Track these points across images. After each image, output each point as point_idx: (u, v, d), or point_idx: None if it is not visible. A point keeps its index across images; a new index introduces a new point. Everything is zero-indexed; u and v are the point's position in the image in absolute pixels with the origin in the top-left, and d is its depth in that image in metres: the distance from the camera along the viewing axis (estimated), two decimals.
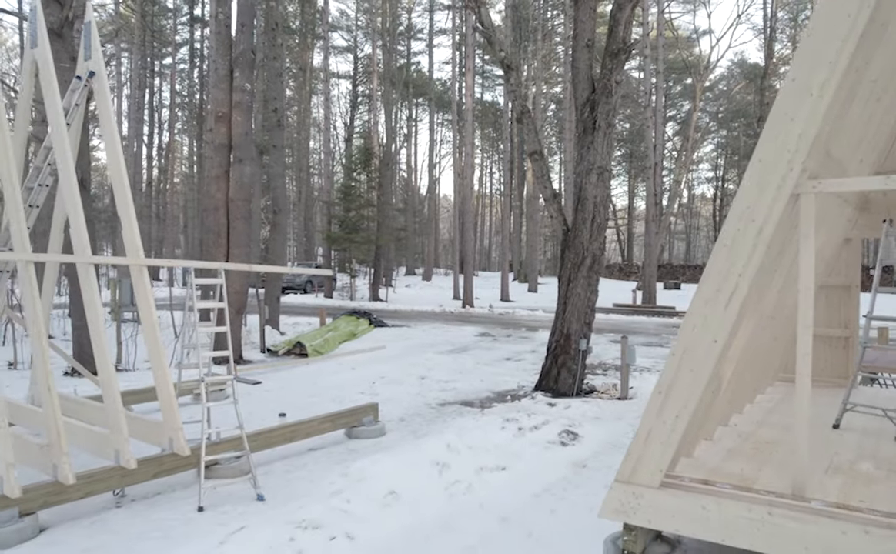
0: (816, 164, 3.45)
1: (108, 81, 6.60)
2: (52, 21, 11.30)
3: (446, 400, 9.57)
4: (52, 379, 5.23)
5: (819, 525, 3.22)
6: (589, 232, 9.67)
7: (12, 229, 5.42)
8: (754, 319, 3.94)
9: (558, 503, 5.27)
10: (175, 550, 4.54)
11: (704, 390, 3.52)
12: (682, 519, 3.57)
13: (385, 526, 4.95)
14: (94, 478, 5.21)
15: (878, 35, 3.49)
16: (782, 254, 4.44)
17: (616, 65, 9.43)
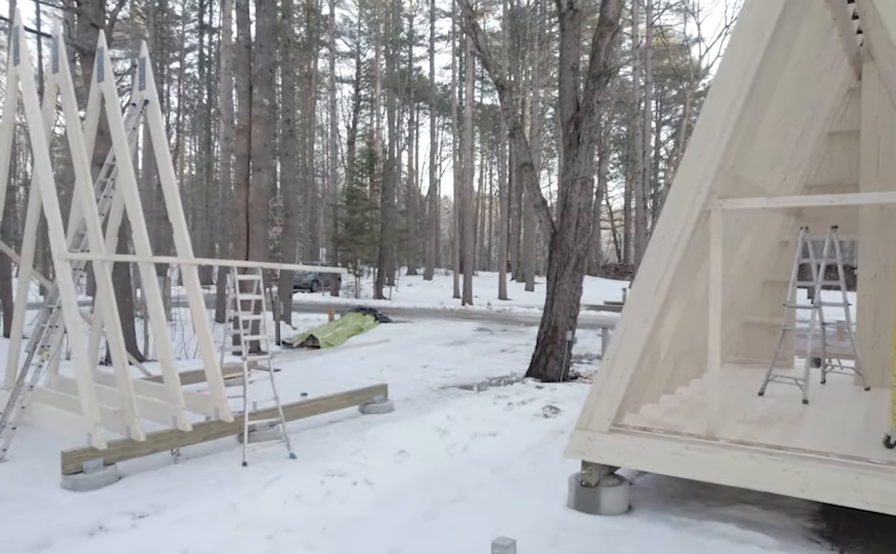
0: (724, 187, 4.56)
1: (159, 107, 7.72)
2: (90, 44, 12.40)
3: (446, 384, 10.69)
4: (126, 360, 6.35)
5: (721, 455, 4.34)
6: (573, 235, 10.79)
7: (90, 235, 6.53)
8: (682, 305, 5.05)
9: (538, 458, 6.39)
10: (230, 492, 5.65)
11: (641, 359, 4.63)
12: (625, 455, 4.69)
13: (396, 476, 6.06)
14: (159, 438, 6.33)
15: (770, 88, 4.61)
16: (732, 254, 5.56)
17: (597, 86, 10.54)
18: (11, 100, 7.02)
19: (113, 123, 7.13)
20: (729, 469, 4.32)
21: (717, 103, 4.23)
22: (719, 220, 4.45)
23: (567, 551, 4.33)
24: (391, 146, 39.56)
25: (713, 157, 4.24)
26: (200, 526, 4.97)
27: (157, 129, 7.55)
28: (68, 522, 5.13)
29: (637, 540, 4.46)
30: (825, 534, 4.58)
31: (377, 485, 5.83)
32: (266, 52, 13.64)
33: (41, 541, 4.82)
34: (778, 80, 4.71)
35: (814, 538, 4.51)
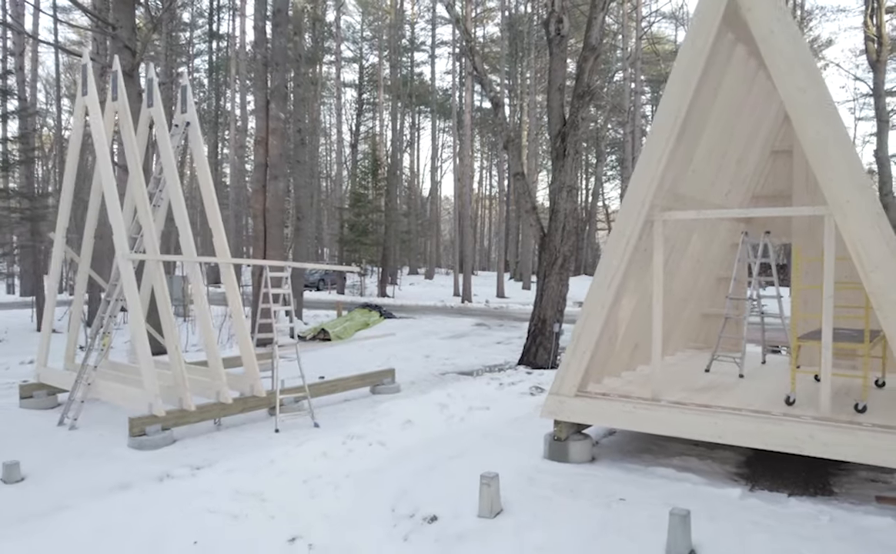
0: (665, 202, 5.72)
1: (199, 127, 8.89)
2: (125, 65, 13.55)
3: (446, 371, 11.86)
4: (179, 344, 7.52)
5: (661, 412, 5.51)
6: (560, 237, 11.95)
7: (146, 240, 7.70)
8: (635, 296, 6.20)
9: (523, 425, 7.55)
10: (268, 451, 6.82)
11: (600, 338, 5.79)
12: (588, 415, 5.86)
13: (404, 439, 7.23)
14: (205, 409, 7.51)
15: (702, 123, 5.78)
16: (681, 254, 6.74)
17: (581, 105, 11.71)
18: (79, 125, 8.20)
19: (161, 143, 8.30)
20: (667, 423, 5.49)
21: (654, 138, 5.40)
22: (660, 228, 5.61)
23: (541, 486, 5.50)
24: (394, 150, 40.72)
25: (653, 180, 5.40)
26: (247, 474, 6.14)
27: (197, 146, 8.73)
28: (140, 471, 6.32)
29: (595, 480, 5.62)
30: (743, 475, 5.75)
31: (389, 445, 7.00)
32: (282, 69, 14.81)
33: (123, 484, 6.01)
34: (709, 116, 5.87)
35: (734, 478, 5.67)
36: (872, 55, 19.25)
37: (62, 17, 34.13)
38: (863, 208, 4.61)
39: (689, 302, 8.03)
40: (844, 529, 4.55)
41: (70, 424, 7.68)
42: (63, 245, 8.54)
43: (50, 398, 8.84)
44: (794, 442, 4.94)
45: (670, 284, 7.04)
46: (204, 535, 4.94)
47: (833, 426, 4.88)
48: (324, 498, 5.65)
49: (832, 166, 4.70)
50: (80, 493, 5.79)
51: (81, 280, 8.93)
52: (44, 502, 5.59)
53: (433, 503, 5.30)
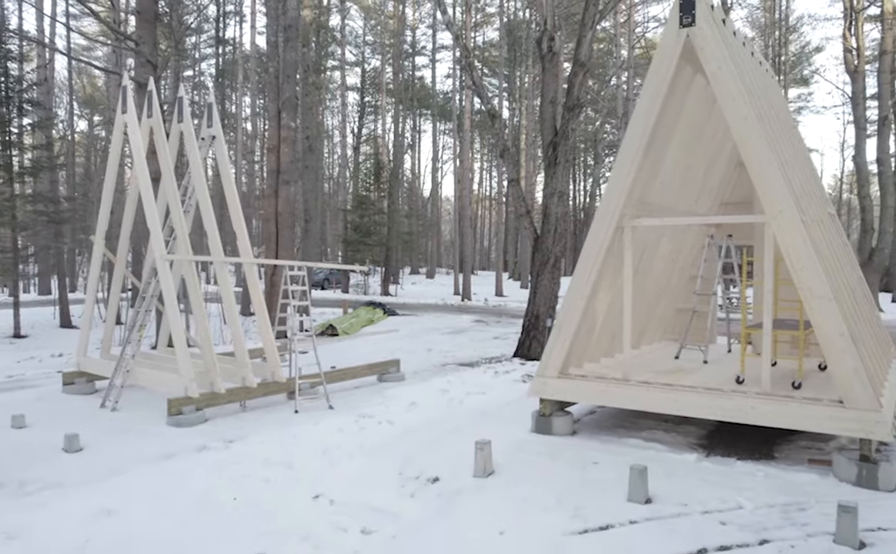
0: (634, 209, 6.60)
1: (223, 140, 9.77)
2: (146, 79, 14.47)
3: (447, 362, 12.76)
4: (210, 334, 8.41)
5: (630, 390, 6.40)
6: (552, 239, 12.84)
7: (179, 242, 8.60)
8: (610, 291, 7.09)
9: (515, 407, 8.44)
10: (290, 428, 7.71)
11: (579, 327, 6.68)
12: (568, 392, 6.75)
13: (410, 418, 8.13)
14: (233, 392, 8.41)
15: (665, 142, 6.66)
16: (653, 255, 7.64)
17: (571, 117, 12.60)
18: (119, 140, 9.10)
19: (191, 155, 9.20)
20: (635, 398, 6.38)
21: (624, 155, 6.28)
22: (629, 234, 6.50)
23: (527, 453, 6.40)
24: (396, 153, 41.62)
25: (622, 191, 6.29)
26: (274, 446, 7.05)
27: (222, 157, 9.63)
28: (180, 444, 7.21)
29: (574, 449, 6.52)
30: (702, 445, 6.64)
31: (396, 423, 7.90)
32: (292, 81, 15.71)
33: (167, 454, 6.90)
34: (673, 135, 6.76)
35: (693, 447, 6.57)
36: (851, 65, 20.12)
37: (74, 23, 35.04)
38: (792, 218, 5.50)
39: (663, 298, 8.93)
40: (776, 483, 5.46)
41: (111, 407, 8.58)
42: (102, 247, 9.43)
43: (89, 385, 9.74)
44: (739, 412, 5.84)
45: (644, 282, 7.94)
46: (241, 493, 5.83)
47: (771, 399, 5.77)
48: (341, 465, 6.55)
49: (769, 182, 5.59)
50: (131, 461, 6.69)
51: (118, 279, 9.83)
52: (102, 468, 6.48)
53: (435, 467, 6.20)
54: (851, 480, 5.31)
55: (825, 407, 5.47)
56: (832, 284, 5.51)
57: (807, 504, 5.01)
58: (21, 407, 8.55)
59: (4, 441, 7.31)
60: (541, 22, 12.91)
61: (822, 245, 5.87)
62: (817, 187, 7.97)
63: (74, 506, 5.59)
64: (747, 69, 6.39)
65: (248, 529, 5.12)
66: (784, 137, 6.76)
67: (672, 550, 4.41)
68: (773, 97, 7.63)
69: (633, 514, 4.98)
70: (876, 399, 5.25)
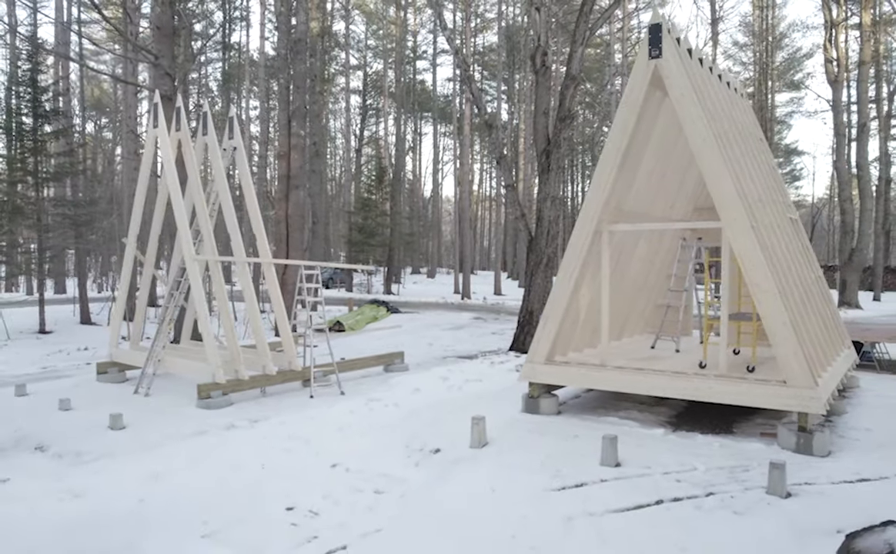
0: (611, 215, 7.47)
1: (244, 151, 10.65)
2: (165, 89, 15.30)
3: (447, 355, 13.64)
4: (234, 326, 9.29)
5: (607, 373, 7.27)
6: (545, 241, 13.72)
7: (205, 244, 9.48)
8: (591, 288, 7.96)
9: (508, 392, 9.31)
10: (307, 411, 8.58)
11: (563, 319, 7.56)
12: (553, 376, 7.63)
13: (414, 402, 9.00)
14: (255, 379, 9.29)
15: (639, 157, 7.54)
16: (631, 256, 8.52)
17: (563, 127, 13.47)
18: (150, 151, 9.99)
19: (215, 164, 10.09)
20: (611, 380, 7.26)
21: (601, 168, 7.16)
22: (606, 237, 7.38)
23: (517, 429, 7.28)
24: (398, 156, 42.50)
25: (599, 200, 7.17)
26: (294, 424, 7.93)
27: (243, 167, 10.51)
28: (211, 423, 8.09)
29: (558, 425, 7.40)
30: (671, 423, 7.52)
31: (401, 406, 8.78)
32: (302, 92, 16.59)
33: (200, 430, 7.78)
34: (645, 150, 7.64)
35: (663, 424, 7.45)
36: (831, 75, 20.98)
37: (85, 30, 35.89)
38: (743, 224, 6.37)
39: (642, 294, 9.80)
40: (728, 451, 6.34)
41: (144, 392, 9.46)
42: (134, 248, 10.31)
43: (120, 374, 10.62)
44: (699, 392, 6.72)
45: (623, 280, 8.82)
46: (268, 462, 6.71)
47: (727, 380, 6.65)
48: (354, 440, 7.43)
49: (723, 194, 6.46)
50: (169, 436, 7.57)
51: (147, 277, 10.71)
52: (145, 442, 7.37)
53: (436, 441, 7.08)
54: (791, 448, 6.18)
55: (771, 386, 6.35)
56: (778, 281, 6.38)
57: (750, 466, 5.88)
58: (63, 393, 9.43)
59: (56, 420, 8.20)
60: (534, 38, 13.78)
61: (774, 247, 6.75)
62: (779, 195, 8.84)
63: (126, 471, 6.48)
64: (710, 93, 7.26)
65: (277, 489, 5.99)
66: (744, 152, 7.64)
67: (633, 502, 5.29)
68: (738, 115, 8.50)
69: (605, 474, 5.86)
70: (813, 379, 6.13)
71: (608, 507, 5.24)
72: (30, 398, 9.49)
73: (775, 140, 43.29)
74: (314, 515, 5.42)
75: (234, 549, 4.86)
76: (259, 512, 5.48)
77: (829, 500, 5.13)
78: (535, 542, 4.76)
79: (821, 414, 6.17)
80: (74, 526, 5.34)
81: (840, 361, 7.84)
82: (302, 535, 5.06)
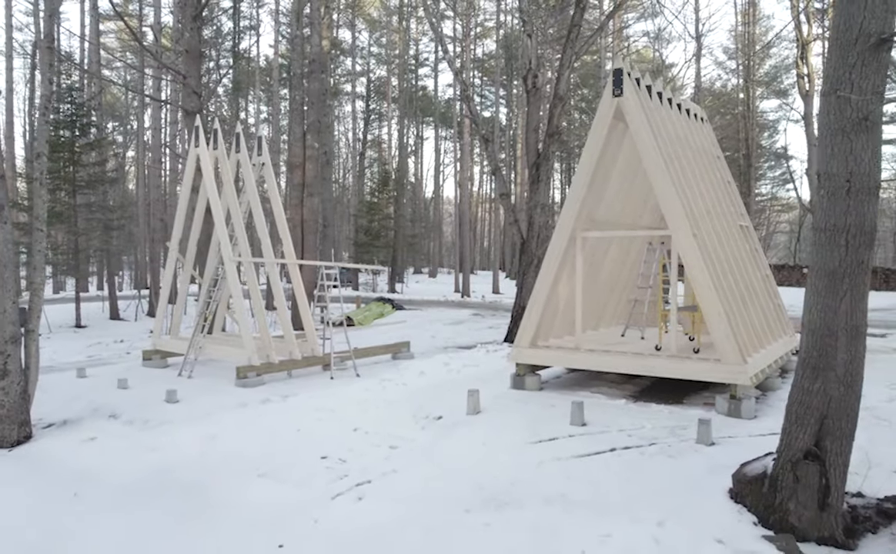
0: (585, 224, 8.91)
1: (271, 166, 12.08)
2: (192, 106, 16.78)
3: (448, 346, 15.09)
4: (265, 319, 10.74)
5: (579, 355, 8.72)
6: (535, 243, 15.16)
7: (241, 248, 10.92)
8: (569, 284, 9.39)
9: (500, 374, 10.74)
10: (329, 389, 10.04)
11: (544, 310, 9.00)
12: (536, 358, 9.08)
13: (420, 382, 10.45)
14: (283, 363, 10.74)
15: (606, 176, 8.98)
16: (602, 258, 9.98)
17: (551, 142, 14.91)
18: (192, 168, 11.43)
19: (246, 177, 11.53)
20: (584, 361, 8.71)
21: (574, 185, 8.60)
22: (580, 242, 8.81)
23: (505, 401, 8.73)
24: (401, 160, 43.95)
25: (573, 211, 8.60)
26: (321, 399, 9.37)
27: (270, 181, 11.96)
28: (249, 398, 9.53)
29: (540, 398, 8.85)
30: (633, 397, 8.96)
31: (409, 385, 10.23)
32: (316, 108, 18.04)
33: (241, 404, 9.22)
34: (612, 171, 9.08)
35: (627, 398, 8.88)
36: (803, 90, 22.41)
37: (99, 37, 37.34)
38: (686, 233, 7.81)
39: (615, 291, 11.24)
40: (675, 416, 7.78)
41: (188, 375, 10.91)
42: (176, 251, 11.76)
43: (163, 360, 12.07)
44: (653, 369, 8.17)
45: (597, 279, 10.26)
46: (302, 427, 8.15)
47: (676, 359, 8.10)
48: (371, 411, 8.87)
49: (670, 209, 7.90)
50: (216, 408, 9.02)
51: (185, 276, 12.16)
52: (196, 412, 8.81)
53: (439, 411, 8.52)
54: (724, 413, 7.63)
55: (709, 363, 7.80)
56: (715, 279, 7.82)
57: (689, 426, 7.32)
58: (118, 375, 10.89)
59: (119, 396, 9.67)
60: (527, 61, 15.23)
61: (716, 251, 8.18)
62: (730, 206, 10.29)
63: (187, 433, 7.94)
64: (665, 124, 8.70)
65: (311, 446, 7.43)
66: (696, 171, 9.08)
67: (593, 450, 6.74)
68: (694, 138, 9.95)
69: (573, 432, 7.31)
70: (742, 358, 7.57)
71: (573, 453, 6.69)
72: (90, 380, 10.95)
73: (765, 145, 44.70)
74: (343, 462, 6.86)
75: (287, 484, 6.31)
76: (301, 460, 6.93)
77: (742, 446, 6.57)
78: (513, 478, 6.20)
79: (748, 385, 7.61)
80: (156, 469, 6.81)
81: (778, 345, 9.28)
82: (336, 474, 6.51)
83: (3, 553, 5.26)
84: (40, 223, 8.51)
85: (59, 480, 6.72)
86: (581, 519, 5.26)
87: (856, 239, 4.80)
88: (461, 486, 6.05)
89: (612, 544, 4.85)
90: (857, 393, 5.02)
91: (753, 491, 5.28)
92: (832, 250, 4.88)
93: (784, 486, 5.05)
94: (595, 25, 27.48)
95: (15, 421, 7.92)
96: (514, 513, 5.45)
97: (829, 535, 4.91)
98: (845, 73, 4.75)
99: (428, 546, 4.98)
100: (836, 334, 4.90)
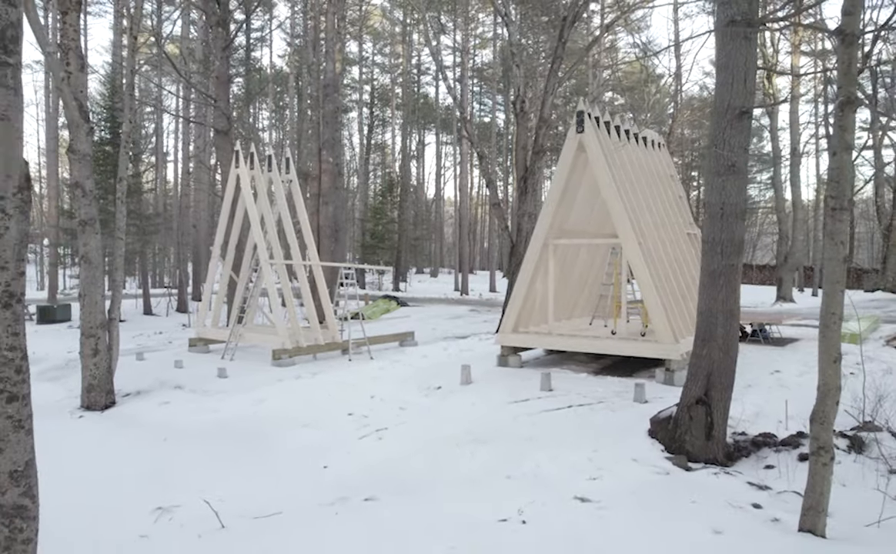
0: (556, 234, 10.88)
1: (296, 179, 14.09)
2: (222, 126, 18.77)
3: (447, 336, 17.09)
4: (294, 310, 12.75)
5: (551, 338, 10.71)
6: (523, 247, 17.12)
7: (274, 250, 12.92)
8: (545, 282, 11.36)
9: (489, 357, 12.71)
10: (349, 368, 12.03)
11: (524, 303, 10.98)
12: (517, 341, 11.07)
13: (423, 363, 12.44)
14: (310, 346, 12.75)
15: (573, 196, 10.97)
16: (573, 261, 11.99)
17: (537, 158, 16.89)
18: (232, 185, 13.44)
19: (277, 193, 13.53)
20: (555, 342, 10.70)
21: (547, 202, 10.57)
22: (552, 249, 10.79)
23: (492, 376, 10.72)
24: (404, 165, 45.94)
25: (546, 223, 10.58)
26: (342, 375, 11.38)
27: (297, 194, 13.97)
28: (284, 375, 11.52)
29: (520, 373, 10.84)
30: (596, 372, 10.93)
31: (414, 365, 12.22)
32: (331, 126, 20.04)
33: (278, 379, 11.22)
34: (579, 190, 11.06)
35: (590, 373, 10.86)
36: (768, 109, 24.35)
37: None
38: (633, 242, 9.78)
39: (586, 288, 13.24)
40: (623, 384, 9.77)
41: (230, 358, 12.91)
42: (218, 256, 13.76)
43: (205, 346, 14.08)
44: (606, 348, 10.17)
45: (569, 278, 12.25)
46: (329, 395, 10.14)
47: (626, 341, 10.09)
48: (384, 384, 10.85)
49: (620, 223, 9.88)
50: (259, 382, 11.01)
51: (225, 276, 14.16)
52: (244, 385, 10.81)
53: (438, 383, 10.51)
54: (661, 382, 9.61)
55: (650, 343, 9.79)
56: (655, 278, 9.79)
57: (631, 391, 9.32)
58: (173, 358, 12.89)
59: (178, 373, 11.68)
60: (515, 89, 17.20)
61: (659, 256, 10.16)
62: (679, 217, 12.27)
63: (239, 399, 9.94)
64: (620, 154, 10.67)
65: (339, 407, 9.41)
66: (647, 191, 11.06)
67: (555, 407, 8.73)
68: (649, 163, 11.92)
69: (541, 395, 9.31)
70: (675, 339, 9.56)
71: (540, 409, 8.69)
72: (148, 362, 12.96)
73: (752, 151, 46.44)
74: (365, 417, 8.85)
75: (324, 431, 8.30)
76: (332, 416, 8.92)
77: (667, 403, 8.52)
78: (495, 427, 8.18)
79: (679, 360, 9.59)
80: (221, 423, 8.81)
81: None
82: (360, 424, 8.50)
83: (130, 476, 7.25)
84: (120, 233, 10.54)
85: (148, 431, 8.72)
86: (540, 449, 7.24)
87: (728, 248, 6.78)
88: (454, 431, 8.04)
89: (559, 461, 6.84)
90: (732, 357, 7.01)
91: (662, 429, 7.28)
92: (712, 257, 6.87)
93: (682, 424, 7.03)
94: (583, 45, 29.42)
95: (104, 389, 9.94)
96: (492, 446, 7.44)
97: (713, 457, 6.89)
98: (720, 134, 6.74)
99: (429, 466, 6.97)
100: (716, 316, 6.89)
